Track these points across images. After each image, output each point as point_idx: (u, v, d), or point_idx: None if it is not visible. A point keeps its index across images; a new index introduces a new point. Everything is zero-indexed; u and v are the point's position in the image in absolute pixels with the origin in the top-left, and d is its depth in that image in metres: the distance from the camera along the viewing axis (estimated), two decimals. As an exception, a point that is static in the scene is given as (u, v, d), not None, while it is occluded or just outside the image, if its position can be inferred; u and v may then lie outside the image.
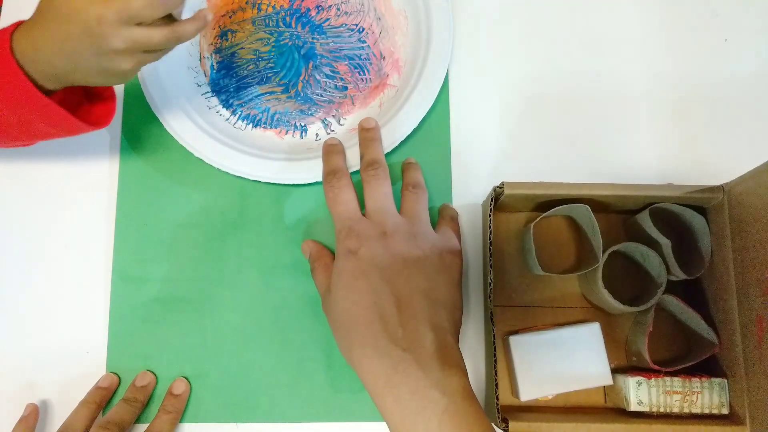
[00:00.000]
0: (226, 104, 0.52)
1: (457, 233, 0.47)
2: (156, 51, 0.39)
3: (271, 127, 0.52)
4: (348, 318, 0.40)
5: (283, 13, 0.53)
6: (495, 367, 0.41)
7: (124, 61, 0.37)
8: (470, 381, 0.43)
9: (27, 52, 0.37)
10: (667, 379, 0.42)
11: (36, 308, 0.48)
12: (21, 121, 0.40)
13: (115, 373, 0.47)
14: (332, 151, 0.48)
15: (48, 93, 0.39)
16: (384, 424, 0.37)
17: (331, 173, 0.45)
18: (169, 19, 0.38)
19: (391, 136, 0.49)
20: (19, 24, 0.38)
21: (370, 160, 0.46)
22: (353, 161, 0.48)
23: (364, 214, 0.44)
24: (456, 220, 0.48)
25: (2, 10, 0.54)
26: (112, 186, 0.50)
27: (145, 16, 0.36)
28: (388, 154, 0.49)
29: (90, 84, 0.41)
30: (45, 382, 0.47)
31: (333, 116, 0.52)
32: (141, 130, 0.51)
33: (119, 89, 0.52)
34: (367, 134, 0.48)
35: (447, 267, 0.43)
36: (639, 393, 0.42)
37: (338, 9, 0.53)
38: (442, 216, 0.48)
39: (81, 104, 0.44)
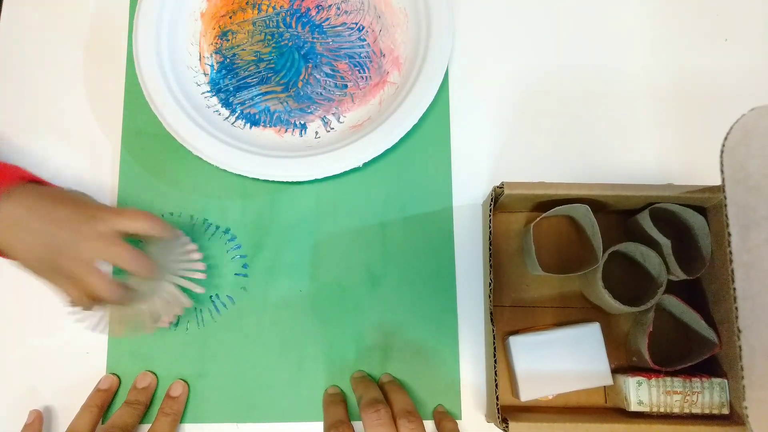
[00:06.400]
0: (226, 103, 0.52)
1: None
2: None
3: (270, 126, 0.51)
4: None
5: (284, 14, 0.53)
6: (495, 367, 0.41)
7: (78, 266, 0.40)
8: (470, 381, 0.43)
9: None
10: (668, 379, 0.42)
11: (36, 309, 0.48)
12: None
13: (115, 374, 0.47)
14: (334, 401, 0.45)
15: None
16: None
17: (332, 426, 0.42)
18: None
19: (390, 134, 0.48)
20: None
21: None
22: (351, 159, 0.48)
23: None
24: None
25: (2, 10, 0.54)
26: (113, 186, 0.50)
27: (137, 228, 0.41)
28: (387, 151, 0.49)
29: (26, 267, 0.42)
30: (45, 384, 0.47)
31: (333, 114, 0.52)
32: (141, 130, 0.51)
33: (120, 88, 0.52)
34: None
35: None
36: (639, 393, 0.42)
37: (338, 8, 0.53)
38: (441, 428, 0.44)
39: None
